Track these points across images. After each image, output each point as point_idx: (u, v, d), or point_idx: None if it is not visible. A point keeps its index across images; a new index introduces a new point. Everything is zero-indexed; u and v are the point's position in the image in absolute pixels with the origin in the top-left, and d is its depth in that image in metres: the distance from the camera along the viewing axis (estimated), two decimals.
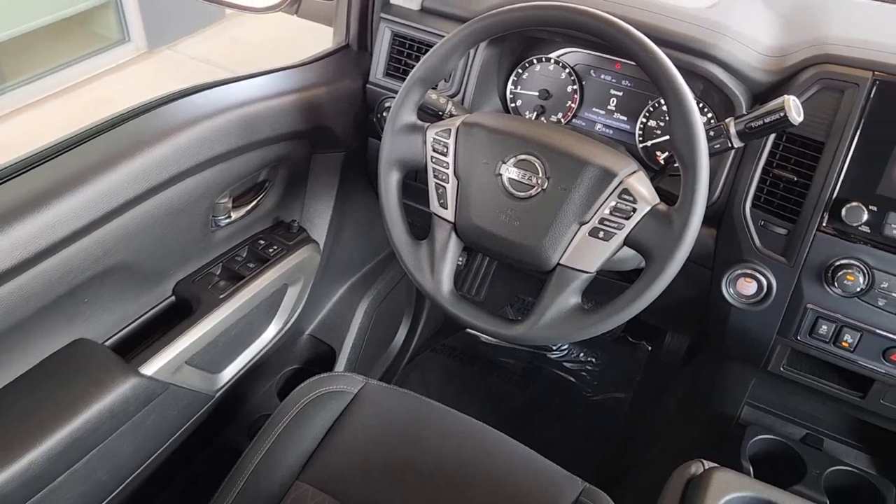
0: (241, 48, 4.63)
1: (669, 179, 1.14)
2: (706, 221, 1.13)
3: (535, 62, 1.30)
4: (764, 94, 1.08)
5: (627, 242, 0.94)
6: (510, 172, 0.98)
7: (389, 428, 1.14)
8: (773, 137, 1.06)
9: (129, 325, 1.13)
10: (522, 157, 0.98)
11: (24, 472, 0.89)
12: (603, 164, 0.95)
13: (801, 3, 1.24)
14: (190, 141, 1.03)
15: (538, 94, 1.30)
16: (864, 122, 0.99)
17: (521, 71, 1.31)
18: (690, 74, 1.11)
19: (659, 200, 0.95)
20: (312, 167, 1.38)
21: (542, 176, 0.96)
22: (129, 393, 1.02)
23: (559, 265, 0.97)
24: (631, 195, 0.93)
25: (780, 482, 1.24)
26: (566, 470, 1.11)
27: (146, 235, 1.03)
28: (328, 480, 1.05)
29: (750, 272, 1.09)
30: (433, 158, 1.03)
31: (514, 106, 1.33)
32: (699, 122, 0.89)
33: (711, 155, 0.99)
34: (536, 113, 1.31)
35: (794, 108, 0.93)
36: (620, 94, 1.26)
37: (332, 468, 1.07)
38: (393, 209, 1.07)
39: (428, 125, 1.05)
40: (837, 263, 1.03)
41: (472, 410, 1.19)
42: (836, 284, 1.03)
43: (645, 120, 1.24)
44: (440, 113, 1.14)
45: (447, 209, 1.03)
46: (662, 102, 1.18)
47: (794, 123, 0.93)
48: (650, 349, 2.01)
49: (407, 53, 1.31)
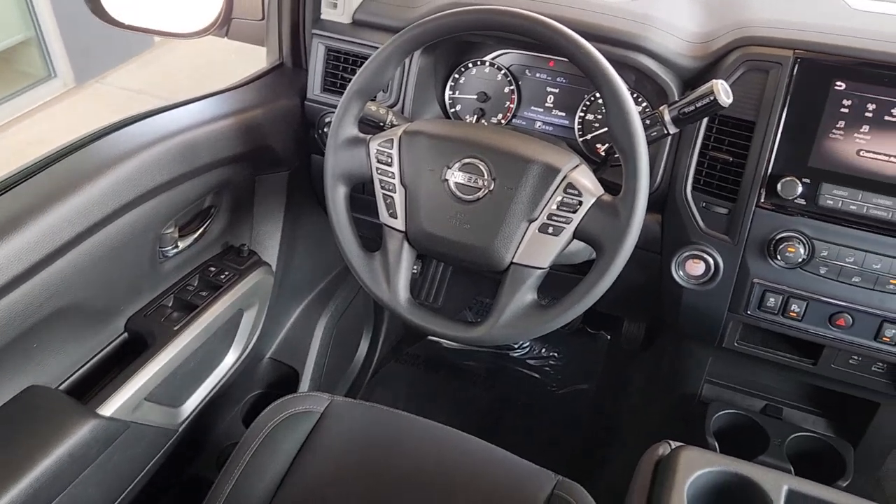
0: (174, 75, 4.55)
1: (612, 170, 1.17)
2: (651, 208, 1.16)
3: (470, 66, 1.32)
4: (694, 79, 1.12)
5: (577, 235, 0.96)
6: (456, 177, 0.99)
7: (360, 443, 1.13)
8: (706, 121, 1.09)
9: (82, 366, 1.10)
10: (467, 160, 0.98)
11: None
12: (546, 160, 0.96)
13: None
14: (129, 173, 1.01)
15: (476, 97, 1.32)
16: (789, 99, 1.03)
17: (457, 76, 1.33)
18: (623, 66, 1.13)
19: (603, 191, 0.97)
20: (257, 189, 1.37)
21: (487, 178, 0.97)
22: (88, 436, 1.00)
23: (512, 264, 0.98)
24: (576, 189, 0.95)
25: (745, 454, 1.27)
26: (539, 465, 1.12)
27: (93, 273, 1.01)
28: (303, 503, 1.04)
29: (697, 253, 1.12)
30: (378, 169, 1.04)
31: (454, 111, 1.34)
32: (634, 112, 0.92)
33: (649, 143, 1.01)
34: (477, 116, 1.33)
35: (722, 91, 0.96)
36: (557, 91, 1.29)
37: (305, 490, 1.06)
38: (343, 223, 1.06)
39: (370, 137, 1.05)
40: (778, 237, 1.07)
41: (441, 416, 1.19)
42: (778, 257, 1.07)
43: (583, 114, 1.27)
44: (381, 124, 1.15)
45: (397, 219, 1.03)
46: (598, 96, 1.21)
47: (723, 106, 0.96)
48: (609, 338, 2.04)
49: (342, 67, 1.31)
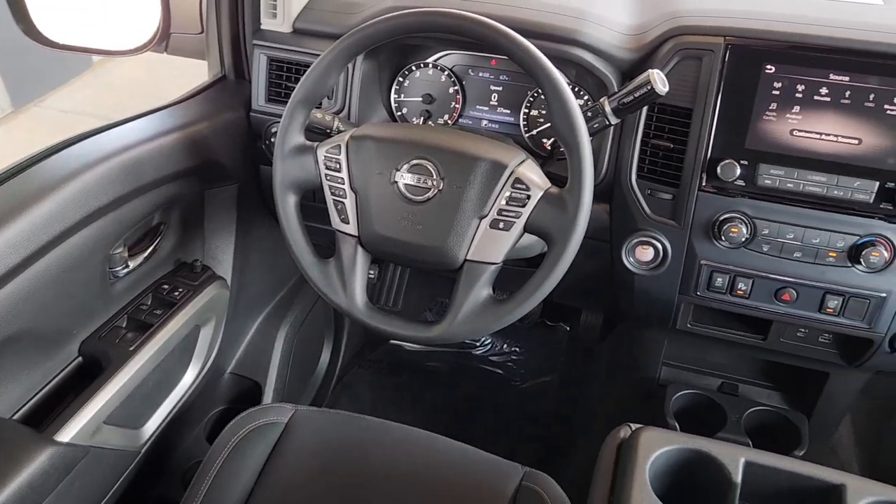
0: (115, 94, 4.47)
1: (559, 163, 1.19)
2: (598, 198, 1.20)
3: (414, 69, 1.33)
4: (631, 71, 1.14)
5: (527, 229, 0.98)
6: (405, 178, 0.99)
7: (326, 451, 1.13)
8: (646, 110, 1.12)
9: (37, 393, 1.07)
10: (415, 161, 0.99)
11: None
12: (492, 157, 0.98)
13: None
14: (73, 194, 0.99)
15: (422, 99, 1.33)
16: (723, 84, 1.06)
17: (401, 79, 1.34)
18: (562, 61, 1.15)
19: (550, 184, 0.99)
20: (207, 203, 1.36)
21: (436, 177, 0.99)
22: (47, 464, 0.98)
23: (466, 261, 0.99)
24: (523, 183, 0.97)
25: (704, 431, 1.30)
26: (508, 458, 1.13)
27: (42, 298, 0.99)
28: None
29: (645, 239, 1.15)
30: (327, 176, 1.04)
31: (400, 114, 1.35)
32: (575, 105, 0.94)
33: (592, 134, 1.04)
34: (423, 118, 1.34)
35: (658, 80, 0.99)
36: (500, 88, 1.30)
37: (274, 502, 1.06)
38: (295, 232, 1.06)
39: (317, 144, 1.05)
40: (721, 218, 1.10)
41: (408, 419, 1.20)
42: (723, 238, 1.10)
43: (527, 110, 1.29)
44: (328, 131, 1.15)
45: (349, 224, 1.03)
46: (541, 92, 1.23)
47: (660, 94, 0.99)
48: (569, 330, 2.07)
49: (286, 77, 1.31)
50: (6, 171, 0.99)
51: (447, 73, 1.31)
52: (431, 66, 1.32)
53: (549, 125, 1.27)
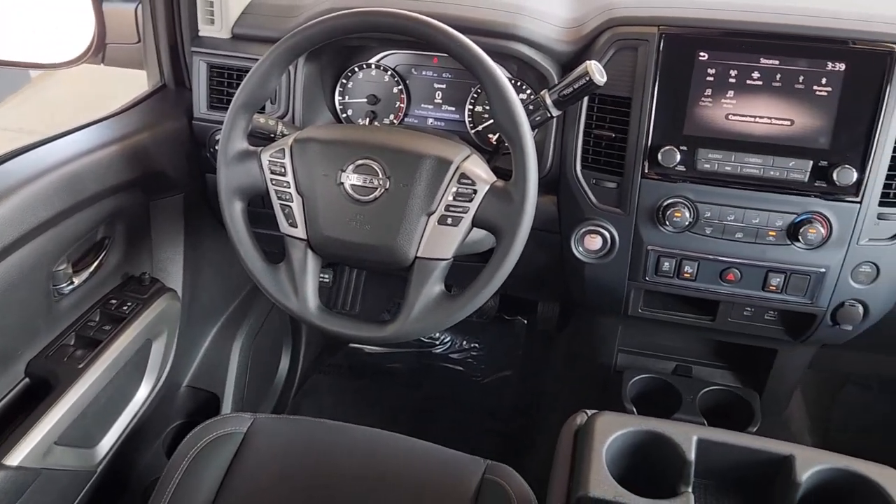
0: (55, 109, 4.35)
1: (505, 158, 1.20)
2: (545, 190, 1.21)
3: (357, 70, 1.32)
4: (570, 63, 1.16)
5: (476, 223, 0.98)
6: (351, 179, 0.99)
7: (287, 457, 1.12)
8: (587, 101, 1.14)
9: None
10: (360, 161, 0.99)
11: None
12: (437, 154, 0.99)
13: None
14: (11, 211, 0.97)
15: (366, 100, 1.33)
16: (659, 73, 1.09)
17: (345, 81, 1.33)
18: (503, 56, 1.17)
19: (496, 178, 1.00)
20: (153, 215, 1.33)
21: (382, 177, 0.99)
22: None
23: (417, 258, 1.00)
24: (469, 178, 0.97)
25: (661, 414, 1.33)
26: (471, 454, 1.14)
27: None
28: None
29: (593, 228, 1.17)
30: (273, 181, 1.03)
31: (345, 116, 1.35)
32: (516, 99, 0.95)
33: (535, 127, 1.05)
34: (369, 119, 1.33)
35: (596, 71, 1.00)
36: (444, 86, 1.31)
37: None
38: (243, 239, 1.05)
39: (261, 149, 1.05)
40: (665, 204, 1.12)
41: (370, 421, 1.19)
42: (667, 223, 1.12)
43: (472, 107, 1.30)
44: (272, 135, 1.14)
45: (297, 227, 1.03)
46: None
47: (599, 85, 1.01)
48: (526, 323, 2.09)
49: (227, 83, 1.30)
50: None
51: (390, 73, 1.31)
52: (374, 66, 1.32)
53: (493, 120, 1.28)
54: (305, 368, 1.96)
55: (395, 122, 1.33)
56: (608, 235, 1.17)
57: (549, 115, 1.05)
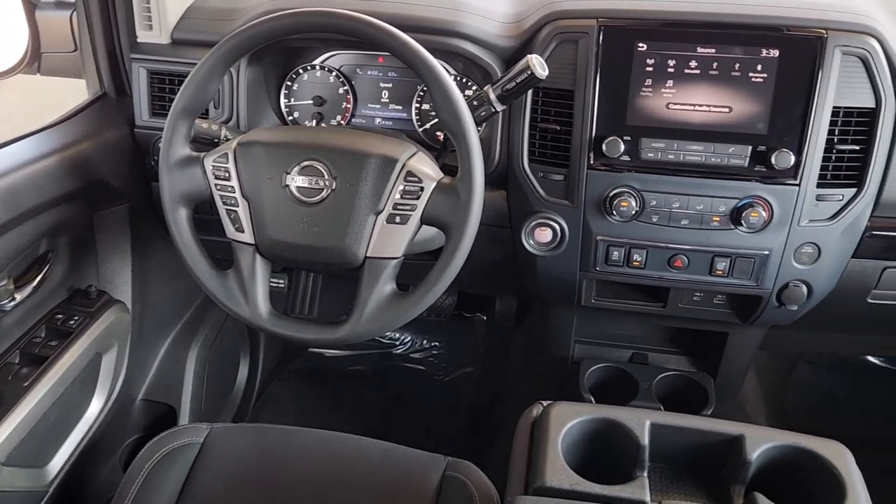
0: None
1: (453, 155, 1.20)
2: (494, 185, 1.22)
3: (301, 72, 1.31)
4: (513, 58, 1.17)
5: (424, 220, 0.98)
6: (297, 181, 0.99)
7: (247, 465, 1.11)
8: (531, 95, 1.15)
9: None
10: (305, 163, 0.99)
11: None
12: (382, 152, 0.98)
13: None
14: None
15: (312, 101, 1.32)
16: (600, 64, 1.10)
17: (290, 83, 1.32)
18: (447, 53, 1.17)
19: (443, 175, 1.00)
20: (98, 226, 1.31)
21: (328, 177, 0.98)
22: None
23: (367, 258, 0.99)
24: (415, 176, 0.97)
25: (619, 401, 1.35)
26: (435, 452, 1.14)
27: None
28: None
29: (543, 221, 1.18)
30: (217, 186, 1.02)
31: (291, 118, 1.34)
32: (458, 95, 0.95)
33: (480, 122, 1.05)
34: (315, 121, 1.32)
35: (537, 64, 1.01)
36: (390, 85, 1.31)
37: None
38: (190, 246, 1.04)
39: (204, 154, 1.03)
40: (612, 194, 1.14)
41: (334, 425, 1.19)
42: (615, 213, 1.14)
43: (418, 105, 1.30)
44: (215, 140, 1.13)
45: (244, 232, 1.02)
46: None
47: (541, 78, 1.01)
48: (485, 319, 2.10)
49: (169, 89, 1.28)
50: None
51: (335, 73, 1.30)
52: (319, 67, 1.31)
53: (437, 118, 1.28)
54: (265, 376, 1.94)
55: (342, 122, 1.33)
56: (558, 227, 1.18)
57: (493, 109, 1.05)
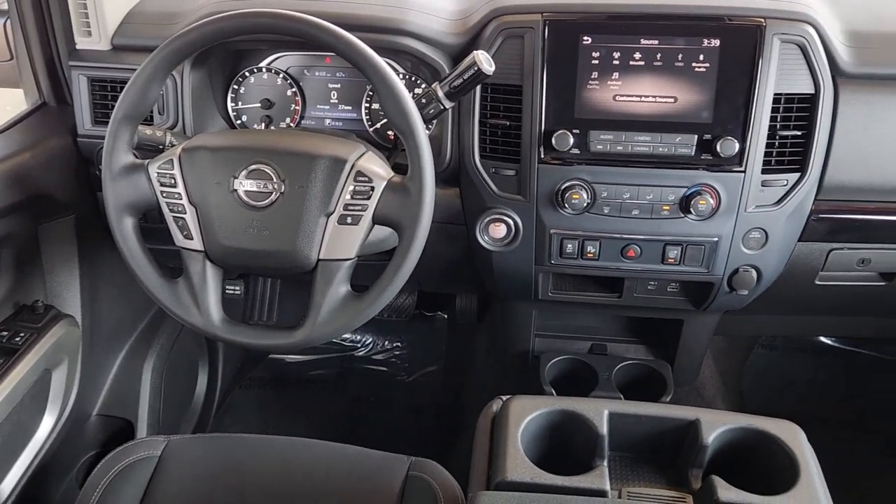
0: None
1: (405, 153, 1.19)
2: (447, 182, 1.22)
3: (248, 75, 1.30)
4: (460, 55, 1.17)
5: (376, 220, 0.98)
6: (245, 185, 0.97)
7: (207, 476, 1.09)
8: (480, 91, 1.15)
9: None
10: (252, 167, 0.97)
11: None
12: (331, 153, 0.97)
13: None
14: None
15: (260, 104, 1.30)
16: (546, 59, 1.10)
17: (236, 86, 1.30)
18: (395, 52, 1.17)
19: (393, 174, 0.99)
20: (42, 239, 1.27)
21: (277, 181, 0.97)
22: None
23: (320, 261, 0.98)
24: (365, 175, 0.97)
25: (580, 393, 1.36)
26: (402, 453, 1.13)
27: None
28: None
29: (496, 217, 1.18)
30: (163, 193, 1.00)
31: (239, 122, 1.32)
32: (405, 93, 0.95)
33: (430, 120, 1.06)
34: (265, 124, 1.31)
35: (484, 60, 1.01)
36: (339, 86, 1.30)
37: None
38: (137, 256, 1.02)
39: (148, 161, 1.01)
40: (563, 187, 1.14)
41: (298, 431, 1.17)
42: (567, 206, 1.15)
43: (368, 104, 1.29)
44: (160, 146, 1.11)
45: (193, 239, 1.00)
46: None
47: (488, 74, 1.02)
48: (446, 317, 2.10)
49: (111, 96, 1.25)
50: None
51: (282, 75, 1.29)
52: (265, 70, 1.29)
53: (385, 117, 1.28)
54: (225, 385, 1.91)
55: (291, 125, 1.31)
56: (511, 223, 1.18)
57: (442, 107, 1.05)
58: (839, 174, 1.14)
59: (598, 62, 1.10)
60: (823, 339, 1.96)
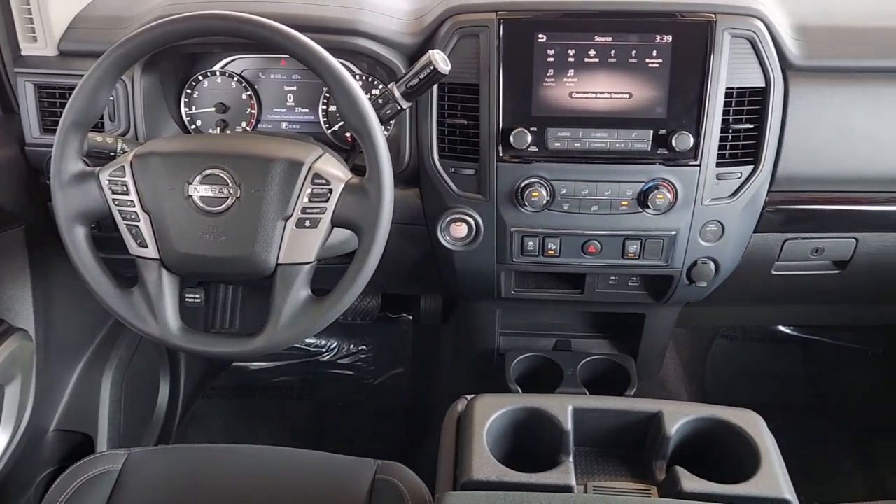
0: None
1: (363, 155, 1.19)
2: (407, 183, 1.21)
3: (201, 79, 1.28)
4: (416, 55, 1.16)
5: (335, 223, 0.97)
6: (200, 191, 0.96)
7: (169, 489, 1.07)
8: (437, 91, 1.15)
9: None
10: (207, 172, 0.96)
11: None
12: (287, 156, 0.96)
13: None
14: None
15: (215, 109, 1.28)
16: (502, 57, 1.11)
17: (190, 91, 1.28)
18: (351, 53, 1.16)
19: (352, 176, 0.99)
20: None
21: (232, 185, 0.96)
22: None
23: (279, 265, 0.97)
24: (323, 178, 0.96)
25: (546, 390, 1.36)
26: (371, 457, 1.12)
27: None
28: None
29: (457, 216, 1.18)
30: (115, 200, 0.98)
31: (194, 127, 1.29)
32: (360, 94, 0.94)
33: (387, 121, 1.05)
34: (220, 128, 1.29)
35: (439, 59, 1.01)
36: (295, 88, 1.29)
37: None
38: (89, 265, 0.99)
39: (99, 169, 0.99)
40: (523, 185, 1.15)
41: (264, 439, 1.16)
42: (527, 204, 1.15)
43: (325, 106, 1.28)
44: (112, 154, 1.08)
45: (148, 247, 0.98)
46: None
47: (444, 73, 1.02)
48: (412, 319, 2.09)
49: (60, 103, 1.22)
50: None
51: (237, 78, 1.27)
52: (219, 73, 1.27)
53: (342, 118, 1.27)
54: (188, 395, 1.88)
55: (247, 128, 1.30)
56: (472, 222, 1.18)
57: (399, 107, 1.05)
58: (791, 165, 1.16)
59: (553, 60, 1.11)
60: (782, 328, 2.00)
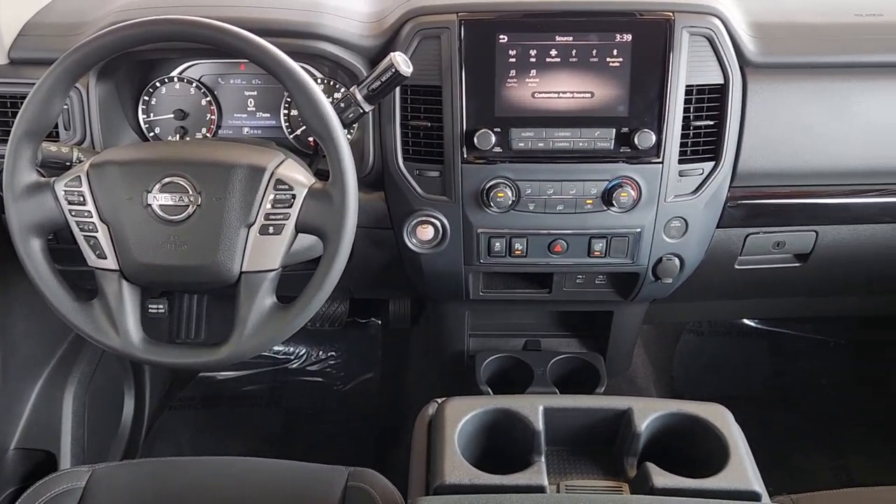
0: None
1: (326, 160, 1.18)
2: (372, 187, 1.20)
3: (159, 85, 1.25)
4: (377, 57, 1.16)
5: (299, 228, 0.96)
6: (159, 199, 0.94)
7: (136, 503, 1.05)
8: (399, 93, 1.14)
9: None
10: (166, 180, 0.94)
11: None
12: (248, 162, 0.95)
13: None
14: None
15: (174, 115, 1.26)
16: (464, 59, 1.10)
17: (147, 97, 1.26)
18: (311, 57, 1.15)
19: (315, 180, 0.98)
20: None
21: (192, 193, 0.94)
22: None
23: (242, 273, 0.96)
24: (286, 183, 0.95)
25: (516, 390, 1.36)
26: (343, 464, 1.11)
27: None
28: None
29: (423, 219, 1.17)
30: (72, 211, 0.96)
31: (153, 135, 1.27)
32: (321, 97, 0.93)
33: (349, 124, 1.04)
34: (179, 136, 1.27)
35: (401, 62, 1.00)
36: (255, 93, 1.27)
37: None
38: (46, 278, 0.97)
39: (54, 179, 0.97)
40: (488, 186, 1.15)
41: (233, 449, 1.14)
42: (492, 205, 1.15)
43: (287, 111, 1.26)
44: (67, 164, 1.05)
45: (107, 258, 0.96)
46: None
47: (405, 75, 1.01)
48: (381, 323, 2.08)
49: (11, 113, 1.18)
50: None
51: (195, 84, 1.25)
52: (177, 79, 1.25)
53: (303, 123, 1.26)
54: (154, 407, 1.84)
55: (208, 135, 1.27)
56: (439, 224, 1.17)
57: (361, 110, 1.04)
58: (751, 161, 1.17)
59: (515, 60, 1.11)
60: (747, 321, 2.03)
